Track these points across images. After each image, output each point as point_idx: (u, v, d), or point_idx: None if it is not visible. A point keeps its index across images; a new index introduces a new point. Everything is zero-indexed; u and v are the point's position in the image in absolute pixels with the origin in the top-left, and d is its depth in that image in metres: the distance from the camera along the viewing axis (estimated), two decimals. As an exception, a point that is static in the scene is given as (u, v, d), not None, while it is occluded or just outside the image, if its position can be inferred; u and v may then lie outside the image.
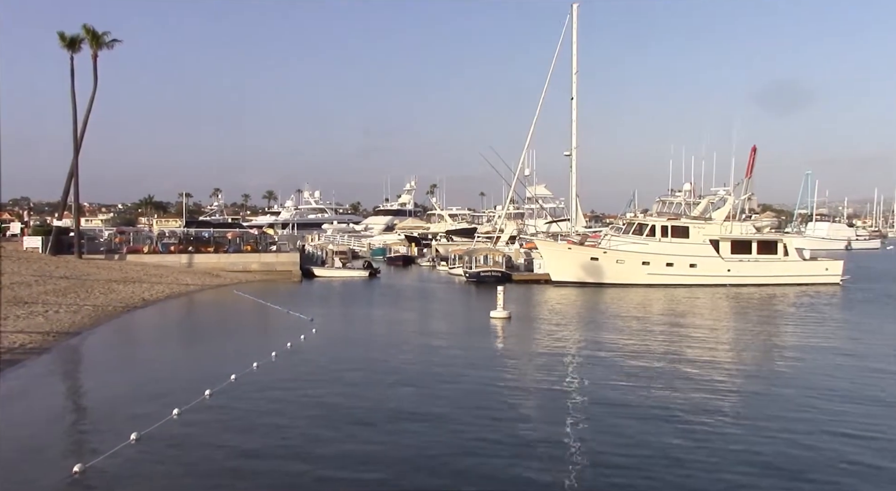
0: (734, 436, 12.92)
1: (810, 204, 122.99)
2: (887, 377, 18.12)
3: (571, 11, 49.17)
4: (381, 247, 72.00)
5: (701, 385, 17.08)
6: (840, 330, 26.74)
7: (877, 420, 14.02)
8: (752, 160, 50.20)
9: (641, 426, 13.50)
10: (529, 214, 71.92)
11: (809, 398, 15.73)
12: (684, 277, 43.53)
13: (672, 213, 48.24)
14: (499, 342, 24.45)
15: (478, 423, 13.73)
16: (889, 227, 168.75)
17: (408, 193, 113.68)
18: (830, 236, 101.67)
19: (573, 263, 44.10)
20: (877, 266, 63.85)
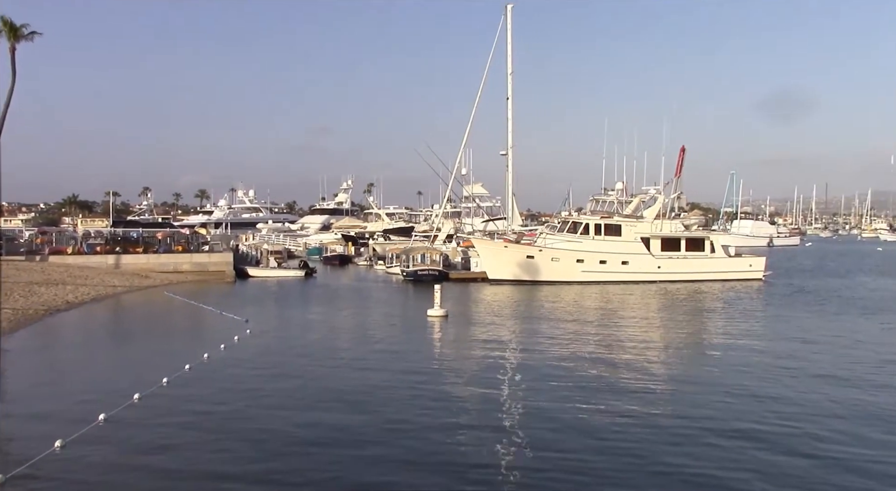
0: (653, 433, 13.36)
1: (735, 203, 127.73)
2: (798, 372, 18.99)
3: (505, 12, 49.74)
4: (318, 246, 71.20)
5: (629, 380, 17.65)
6: (760, 324, 27.94)
7: (784, 418, 14.70)
8: (681, 160, 51.88)
9: (571, 424, 13.83)
10: (466, 213, 72.37)
11: (724, 394, 16.38)
12: (617, 274, 44.64)
13: (605, 211, 49.46)
14: (436, 341, 24.58)
15: (407, 428, 13.79)
16: (808, 225, 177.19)
17: (344, 192, 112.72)
18: (754, 234, 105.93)
19: (510, 261, 44.64)
20: (796, 262, 66.91)
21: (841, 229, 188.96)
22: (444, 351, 22.70)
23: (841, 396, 15.81)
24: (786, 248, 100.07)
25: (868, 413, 14.40)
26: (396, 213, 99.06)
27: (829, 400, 15.48)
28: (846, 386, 16.79)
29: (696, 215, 57.01)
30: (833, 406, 14.92)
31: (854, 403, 15.15)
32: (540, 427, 13.39)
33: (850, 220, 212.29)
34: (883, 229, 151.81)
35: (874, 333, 25.25)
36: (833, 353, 21.23)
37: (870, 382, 17.19)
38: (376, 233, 76.37)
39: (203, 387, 16.51)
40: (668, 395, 16.08)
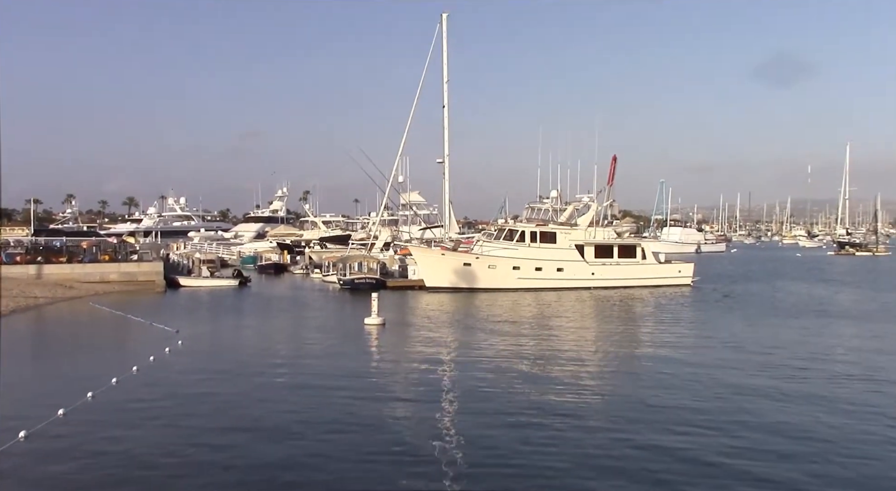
0: (587, 439, 13.68)
1: (665, 210, 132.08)
2: (719, 378, 19.72)
3: (441, 21, 50.12)
4: (252, 255, 69.90)
5: (563, 386, 18.03)
6: (689, 329, 28.88)
7: (701, 425, 15.27)
8: (612, 169, 53.23)
9: (507, 430, 14.01)
10: (404, 221, 72.35)
11: (655, 397, 16.92)
12: (552, 281, 45.39)
13: (540, 219, 50.21)
14: (372, 349, 24.49)
15: (335, 437, 13.71)
16: (733, 232, 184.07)
17: (280, 200, 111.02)
18: (683, 240, 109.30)
19: (447, 268, 44.83)
20: (722, 267, 69.44)
21: (763, 236, 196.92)
22: (382, 360, 22.62)
23: (754, 406, 16.48)
24: (713, 254, 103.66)
25: (776, 422, 15.00)
26: (333, 221, 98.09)
27: (741, 410, 16.10)
28: (760, 396, 17.51)
29: (627, 223, 58.53)
30: (744, 415, 15.46)
31: (767, 412, 15.82)
32: (474, 435, 13.50)
33: (771, 227, 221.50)
34: (801, 236, 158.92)
35: (794, 338, 26.39)
36: (755, 357, 22.12)
37: (782, 389, 17.95)
38: (312, 241, 75.52)
39: (128, 402, 16.00)
40: (599, 403, 16.44)
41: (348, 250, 57.07)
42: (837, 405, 15.71)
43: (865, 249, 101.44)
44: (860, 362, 21.03)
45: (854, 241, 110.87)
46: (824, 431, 13.70)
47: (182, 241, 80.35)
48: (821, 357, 21.77)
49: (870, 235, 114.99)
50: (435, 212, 73.58)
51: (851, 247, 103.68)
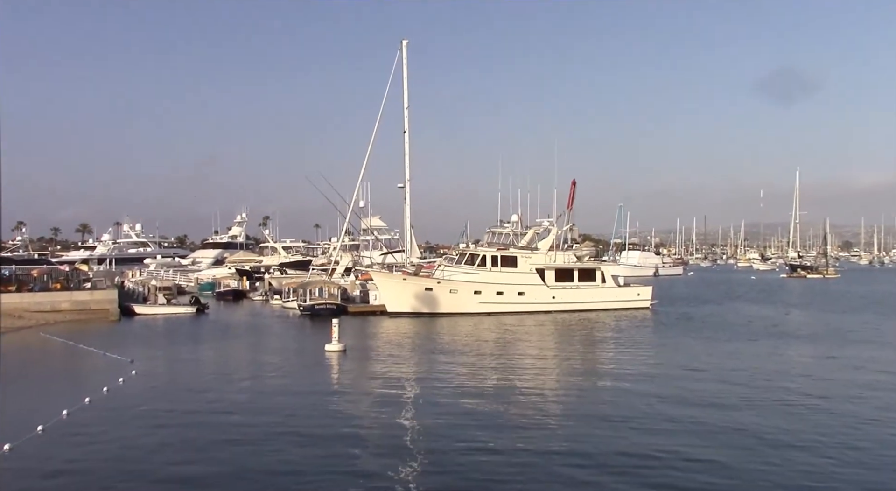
0: (545, 463, 13.73)
1: (624, 234, 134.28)
2: (678, 399, 20.04)
3: (401, 47, 50.62)
4: (210, 281, 68.72)
5: (524, 410, 18.10)
6: (648, 352, 29.27)
7: (660, 448, 15.48)
8: (572, 193, 54.00)
9: (468, 455, 14.00)
10: (365, 246, 72.08)
11: (615, 424, 17.08)
12: (513, 305, 45.61)
13: (501, 243, 50.50)
14: (332, 375, 24.24)
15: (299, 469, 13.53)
16: (690, 255, 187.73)
17: (239, 225, 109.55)
18: (641, 264, 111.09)
19: (408, 293, 44.73)
20: (679, 290, 70.67)
21: (719, 259, 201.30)
22: (341, 386, 22.40)
23: (714, 419, 16.77)
24: (670, 277, 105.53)
25: (740, 439, 15.31)
26: (293, 247, 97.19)
27: (694, 433, 16.36)
28: (722, 409, 17.84)
29: (587, 246, 59.21)
30: (704, 430, 15.74)
31: (730, 426, 16.11)
32: (434, 462, 13.44)
33: (727, 250, 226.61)
34: (755, 259, 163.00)
35: (750, 358, 26.97)
36: (711, 378, 22.53)
37: (738, 414, 18.30)
38: (272, 267, 74.60)
39: (80, 434, 15.53)
40: (563, 428, 16.52)
41: (309, 276, 56.55)
42: (782, 429, 16.06)
43: (816, 272, 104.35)
44: (817, 384, 21.55)
45: (805, 263, 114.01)
46: (779, 446, 14.00)
47: (138, 269, 78.73)
48: (775, 378, 22.26)
49: (820, 258, 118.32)
50: (396, 237, 73.40)
51: (803, 269, 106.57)
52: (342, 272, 56.49)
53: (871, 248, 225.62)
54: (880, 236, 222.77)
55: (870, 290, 72.09)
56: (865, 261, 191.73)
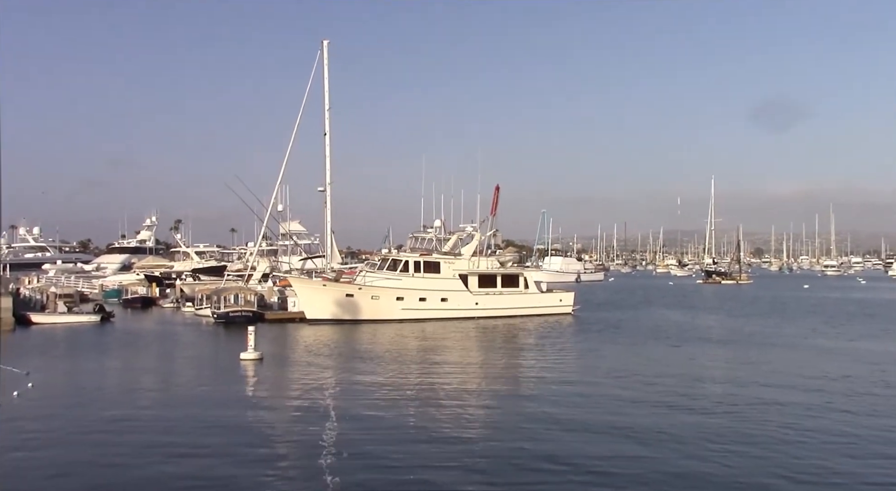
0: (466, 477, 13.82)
1: (546, 240, 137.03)
2: (603, 399, 20.60)
3: (322, 48, 50.14)
4: (117, 288, 65.94)
5: (445, 419, 18.12)
6: (571, 358, 29.92)
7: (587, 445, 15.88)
8: (496, 198, 54.63)
9: (385, 473, 13.93)
10: (283, 251, 70.78)
11: (537, 426, 17.36)
12: (436, 312, 45.70)
13: (424, 248, 50.60)
14: (248, 385, 23.68)
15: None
16: (610, 261, 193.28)
17: (148, 229, 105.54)
18: (563, 270, 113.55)
19: (328, 300, 44.20)
20: (600, 296, 72.60)
21: (638, 265, 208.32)
22: (257, 396, 21.88)
23: (637, 423, 17.30)
24: (592, 283, 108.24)
25: (665, 437, 15.84)
26: (207, 252, 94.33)
27: (617, 437, 16.84)
28: (644, 414, 18.42)
29: (510, 252, 60.03)
30: (617, 443, 16.19)
31: (649, 429, 16.64)
32: (351, 481, 13.32)
33: (646, 256, 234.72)
34: (673, 265, 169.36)
35: (667, 362, 27.96)
36: (632, 383, 23.23)
37: (661, 418, 18.94)
38: (184, 272, 72.33)
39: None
40: (484, 436, 16.68)
41: (223, 282, 55.03)
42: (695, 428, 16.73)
43: (730, 278, 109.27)
44: (735, 387, 22.51)
45: (720, 270, 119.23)
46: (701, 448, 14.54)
47: (35, 275, 74.75)
48: (691, 381, 23.15)
49: (734, 265, 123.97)
50: (316, 242, 72.53)
51: (717, 275, 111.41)
52: (259, 278, 55.36)
53: (780, 254, 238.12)
54: (789, 243, 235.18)
55: (778, 295, 76.01)
56: (776, 267, 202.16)
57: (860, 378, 23.30)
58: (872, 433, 16.05)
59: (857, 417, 17.64)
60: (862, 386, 21.88)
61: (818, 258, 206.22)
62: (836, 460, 13.89)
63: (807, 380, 23.06)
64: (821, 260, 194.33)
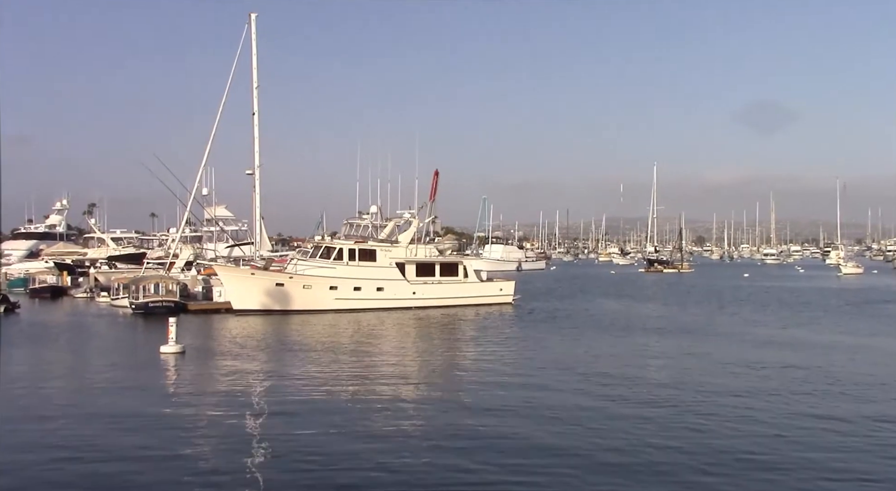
0: (403, 465, 13.81)
1: (487, 227, 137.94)
2: (544, 392, 20.87)
3: (250, 21, 48.89)
4: (22, 276, 63.33)
5: (382, 413, 18.05)
6: (512, 348, 30.14)
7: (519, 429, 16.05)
8: (434, 184, 54.60)
9: (317, 471, 13.77)
10: (208, 238, 69.36)
11: (476, 417, 17.46)
12: (372, 301, 45.47)
13: (359, 235, 50.17)
14: (168, 380, 23.06)
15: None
16: (553, 249, 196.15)
17: (58, 214, 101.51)
18: (504, 258, 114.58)
19: (257, 289, 43.45)
20: (542, 285, 73.59)
21: (581, 254, 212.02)
22: (178, 392, 21.31)
23: (579, 415, 17.58)
24: (533, 271, 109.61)
25: (595, 436, 16.12)
26: (125, 238, 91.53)
27: (558, 427, 17.09)
28: (587, 405, 18.73)
29: (449, 240, 60.12)
30: (559, 436, 16.45)
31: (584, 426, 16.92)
32: (278, 473, 13.12)
33: (588, 244, 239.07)
34: (615, 254, 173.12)
35: (607, 352, 28.53)
36: (574, 373, 23.60)
37: (602, 405, 19.32)
38: (99, 260, 70.03)
39: None
40: (419, 429, 16.66)
41: (143, 270, 53.46)
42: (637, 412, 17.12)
43: (672, 266, 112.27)
44: (674, 376, 23.11)
45: (662, 258, 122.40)
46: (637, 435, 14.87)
47: (-70, 262, 71.12)
48: (631, 369, 23.67)
49: (676, 253, 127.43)
50: (244, 228, 71.16)
51: (659, 264, 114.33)
52: (182, 266, 54.01)
53: (722, 243, 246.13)
54: (731, 232, 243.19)
55: (718, 284, 78.51)
56: (717, 256, 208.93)
57: (791, 368, 24.20)
58: (793, 423, 16.65)
59: (784, 405, 18.32)
60: (791, 375, 22.71)
61: (758, 247, 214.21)
62: (754, 449, 14.35)
63: (743, 369, 23.83)
64: (761, 248, 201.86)
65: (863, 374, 22.83)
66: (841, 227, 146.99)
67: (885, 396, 19.65)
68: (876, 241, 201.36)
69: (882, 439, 15.20)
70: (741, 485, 12.37)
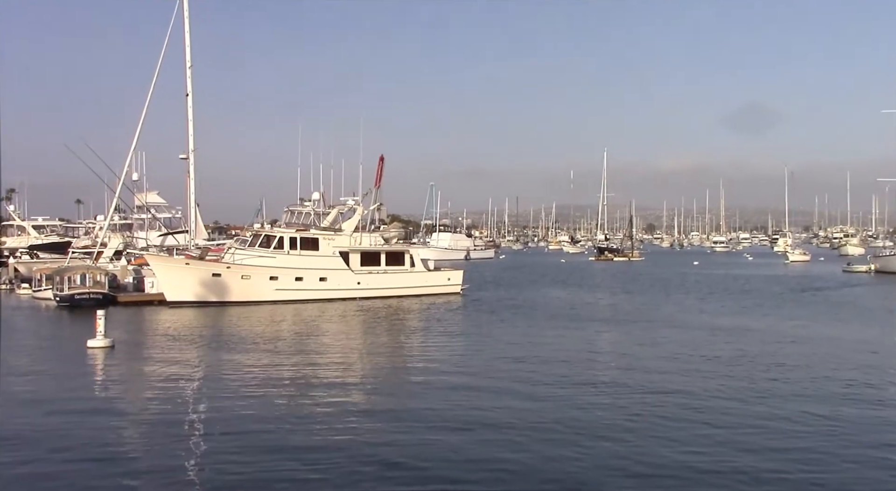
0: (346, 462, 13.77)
1: (435, 215, 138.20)
2: (495, 385, 21.02)
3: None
4: (-67, 268, 60.97)
5: (323, 409, 17.94)
6: (459, 340, 30.26)
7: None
8: (380, 169, 54.38)
9: (257, 459, 13.63)
10: (140, 226, 67.74)
11: (425, 419, 17.50)
12: (315, 292, 45.13)
13: (301, 223, 49.67)
14: (95, 378, 22.47)
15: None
16: (502, 238, 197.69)
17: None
18: (452, 247, 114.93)
19: (192, 280, 42.68)
20: (491, 274, 74.08)
21: (531, 242, 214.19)
22: (107, 388, 20.79)
23: (529, 408, 17.76)
24: (482, 260, 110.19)
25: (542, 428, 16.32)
26: (48, 226, 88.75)
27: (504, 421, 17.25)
28: (538, 396, 18.93)
29: (395, 228, 59.97)
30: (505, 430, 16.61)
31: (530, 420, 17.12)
32: (219, 469, 12.92)
33: (538, 232, 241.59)
34: (566, 242, 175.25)
35: (556, 344, 28.89)
36: (525, 365, 23.81)
37: (553, 395, 19.55)
38: (19, 249, 67.86)
39: None
40: (365, 426, 16.61)
41: (68, 260, 52.01)
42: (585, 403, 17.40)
43: (622, 255, 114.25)
44: (626, 365, 23.53)
45: (612, 246, 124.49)
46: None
47: None
48: (582, 360, 24.03)
49: (626, 241, 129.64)
50: (178, 215, 69.75)
51: (610, 252, 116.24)
52: (111, 256, 52.75)
53: (672, 230, 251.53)
54: (681, 219, 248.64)
55: (668, 272, 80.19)
56: (667, 244, 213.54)
57: (727, 357, 24.89)
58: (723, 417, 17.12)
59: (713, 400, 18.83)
60: (723, 365, 23.33)
61: (708, 234, 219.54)
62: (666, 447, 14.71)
63: (693, 360, 24.41)
64: (710, 236, 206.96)
65: (788, 360, 23.58)
66: (789, 214, 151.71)
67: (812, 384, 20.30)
68: (823, 229, 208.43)
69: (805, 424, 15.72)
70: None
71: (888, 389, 19.53)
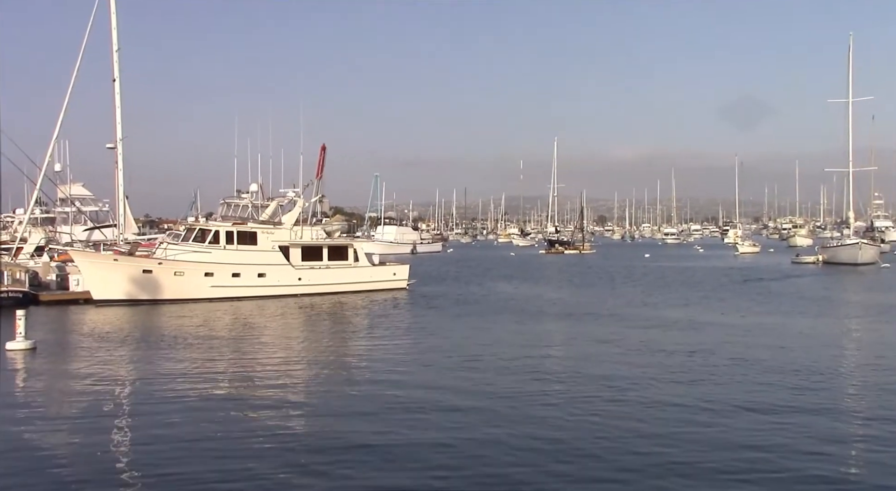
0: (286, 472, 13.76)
1: (379, 207, 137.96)
2: (441, 384, 21.18)
3: (108, -26, 46.51)
4: None
5: (264, 428, 17.81)
6: (405, 338, 30.27)
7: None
8: (321, 160, 54.05)
9: (189, 458, 13.50)
10: (63, 220, 66.03)
11: (366, 420, 17.54)
12: (253, 289, 44.67)
13: (238, 217, 49.12)
14: (15, 382, 21.85)
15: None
16: (450, 230, 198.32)
17: None
18: (398, 240, 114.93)
19: (121, 277, 41.82)
20: (438, 269, 74.28)
21: (479, 234, 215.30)
22: (28, 395, 20.24)
23: (477, 405, 17.95)
24: (429, 254, 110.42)
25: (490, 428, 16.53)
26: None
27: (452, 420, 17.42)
28: (484, 393, 19.13)
29: (338, 221, 59.85)
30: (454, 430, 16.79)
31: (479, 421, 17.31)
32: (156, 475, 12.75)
33: (487, 224, 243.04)
34: (515, 234, 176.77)
35: (505, 340, 29.21)
36: (468, 365, 24.02)
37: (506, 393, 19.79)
38: (-70, 246, 65.50)
39: None
40: (308, 431, 16.58)
41: (-16, 257, 50.43)
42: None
43: (573, 247, 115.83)
44: (568, 366, 23.90)
45: (563, 239, 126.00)
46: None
47: None
48: (530, 357, 24.34)
49: (577, 233, 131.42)
50: (105, 208, 68.19)
51: (560, 245, 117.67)
52: (32, 252, 51.27)
53: (623, 222, 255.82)
54: (632, 210, 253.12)
55: (619, 265, 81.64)
56: (618, 236, 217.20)
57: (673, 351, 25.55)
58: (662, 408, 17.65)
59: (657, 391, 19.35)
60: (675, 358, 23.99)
61: (659, 226, 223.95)
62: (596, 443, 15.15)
63: (643, 354, 24.97)
64: (662, 228, 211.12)
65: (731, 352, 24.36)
66: (739, 205, 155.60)
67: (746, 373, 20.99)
68: (772, 220, 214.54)
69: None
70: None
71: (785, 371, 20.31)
